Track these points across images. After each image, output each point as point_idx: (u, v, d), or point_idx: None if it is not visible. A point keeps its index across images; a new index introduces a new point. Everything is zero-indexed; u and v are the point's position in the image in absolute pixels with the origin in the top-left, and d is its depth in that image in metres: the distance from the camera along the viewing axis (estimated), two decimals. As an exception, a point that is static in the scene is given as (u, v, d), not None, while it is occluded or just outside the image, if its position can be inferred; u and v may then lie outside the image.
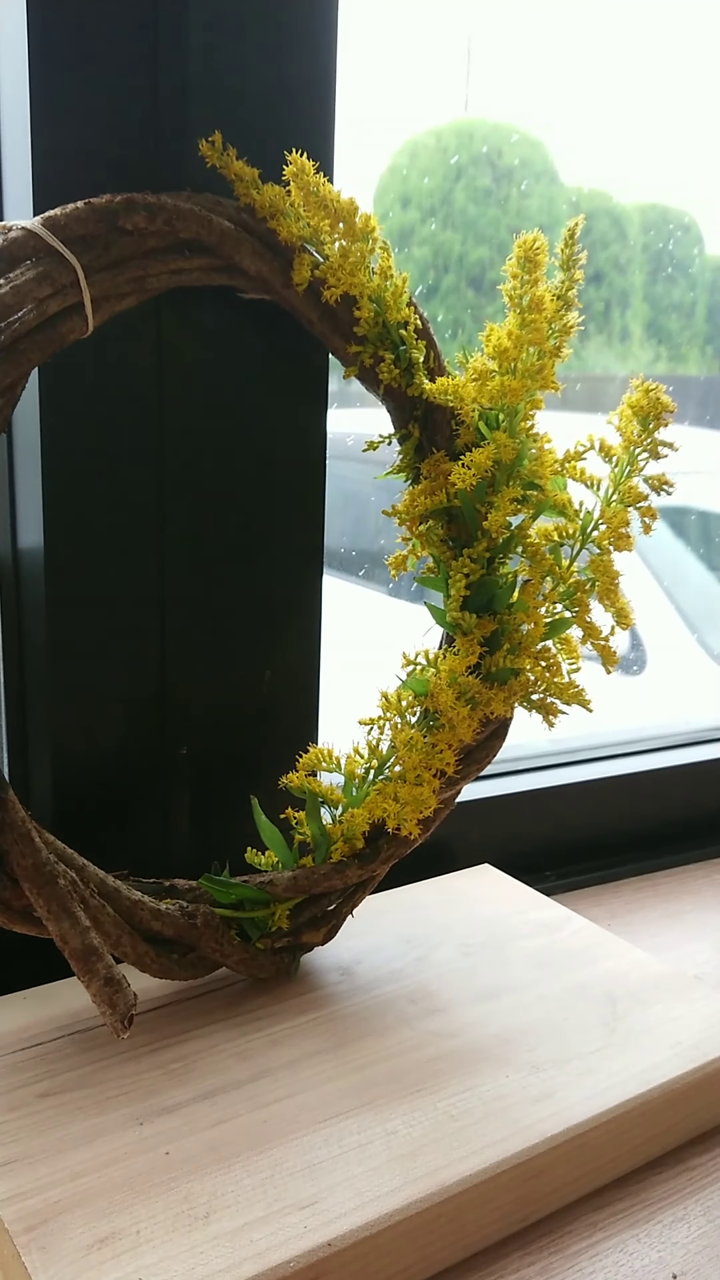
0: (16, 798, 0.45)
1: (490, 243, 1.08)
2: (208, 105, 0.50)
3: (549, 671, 0.54)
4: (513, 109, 1.06)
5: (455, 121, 1.07)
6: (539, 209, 1.12)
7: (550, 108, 1.03)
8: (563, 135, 1.05)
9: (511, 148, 1.10)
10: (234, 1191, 0.39)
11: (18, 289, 0.44)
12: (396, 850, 0.54)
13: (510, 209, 1.11)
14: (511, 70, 1.00)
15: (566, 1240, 0.43)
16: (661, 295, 1.16)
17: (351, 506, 0.93)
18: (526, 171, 1.11)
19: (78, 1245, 0.37)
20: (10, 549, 0.54)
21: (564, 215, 1.14)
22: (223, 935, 0.50)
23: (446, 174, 1.06)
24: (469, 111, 1.08)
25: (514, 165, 1.10)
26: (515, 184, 1.10)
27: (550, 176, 1.13)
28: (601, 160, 1.09)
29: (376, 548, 1.13)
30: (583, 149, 1.07)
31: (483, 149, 1.07)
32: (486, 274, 1.05)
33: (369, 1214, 0.39)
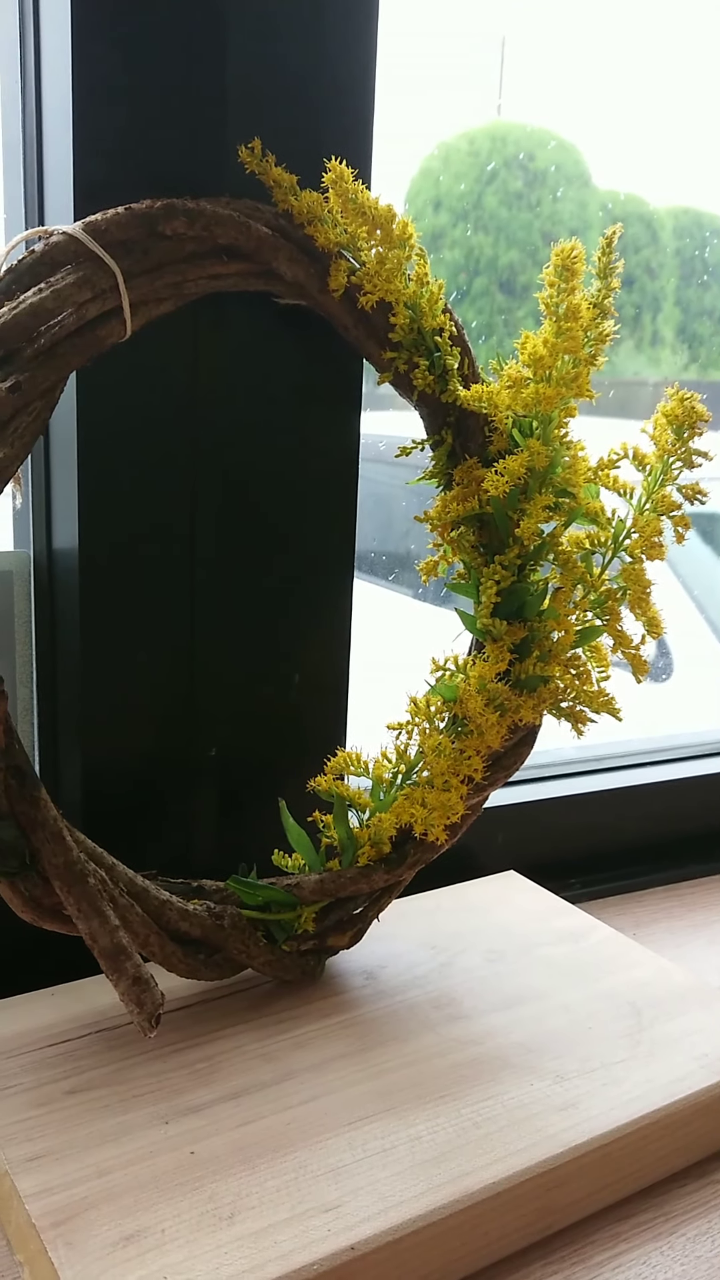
0: (48, 796, 0.45)
1: (522, 246, 1.08)
2: (246, 110, 0.50)
3: (579, 679, 0.54)
4: (545, 112, 1.06)
5: (488, 125, 1.07)
6: (571, 213, 1.12)
7: (583, 111, 1.03)
8: (596, 139, 1.05)
9: (544, 151, 1.09)
10: (258, 1193, 0.40)
11: (58, 293, 0.44)
12: (423, 856, 0.54)
13: (542, 213, 1.11)
14: (544, 74, 1.00)
15: (589, 1250, 0.42)
16: (693, 300, 1.16)
17: (381, 509, 0.94)
18: (559, 175, 1.11)
19: (103, 1242, 0.37)
20: (45, 549, 0.55)
21: (596, 219, 1.14)
22: (249, 937, 0.51)
23: (479, 177, 1.06)
24: (501, 115, 1.08)
25: (546, 169, 1.10)
26: (547, 187, 1.10)
27: (583, 180, 1.13)
28: (634, 164, 1.09)
29: (405, 551, 1.13)
30: (616, 152, 1.07)
31: (515, 152, 1.07)
32: (518, 277, 1.05)
33: (393, 1219, 0.39)
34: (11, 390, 0.43)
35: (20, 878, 0.45)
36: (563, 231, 1.12)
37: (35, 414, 0.44)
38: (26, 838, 0.45)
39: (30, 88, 0.50)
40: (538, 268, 1.16)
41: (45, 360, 0.44)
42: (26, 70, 0.50)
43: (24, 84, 0.50)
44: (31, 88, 0.50)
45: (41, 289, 0.44)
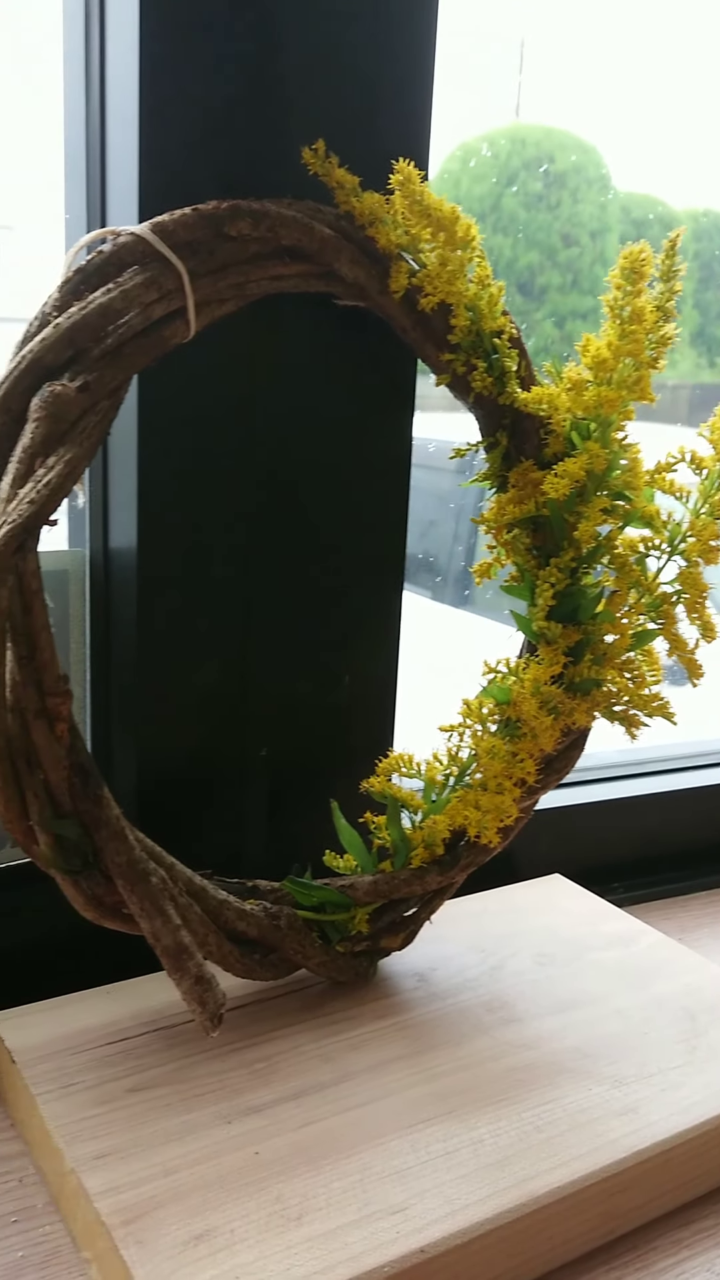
0: (111, 795, 0.45)
1: (540, 248, 1.08)
2: (309, 112, 0.50)
3: (633, 683, 0.54)
4: (565, 115, 1.06)
5: (507, 127, 1.07)
6: (590, 214, 1.12)
7: (602, 113, 1.02)
8: (615, 141, 1.05)
9: (563, 153, 1.09)
10: (325, 1194, 0.40)
11: (126, 293, 0.44)
12: (476, 858, 0.54)
13: (561, 214, 1.10)
14: (563, 76, 1.00)
15: (652, 1256, 0.42)
16: (712, 303, 1.15)
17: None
18: (578, 177, 1.10)
19: (174, 1241, 0.37)
20: (101, 548, 0.55)
21: (616, 221, 1.14)
22: (305, 937, 0.51)
23: (498, 179, 1.06)
24: (520, 117, 1.08)
25: (565, 170, 1.10)
26: (567, 189, 1.10)
27: (602, 182, 1.13)
28: (654, 166, 1.08)
29: (421, 553, 1.13)
30: (635, 155, 1.07)
31: (534, 155, 1.06)
32: (535, 279, 1.05)
33: (460, 1221, 0.39)
34: (81, 390, 0.43)
35: (83, 876, 0.45)
36: (582, 234, 1.11)
37: (102, 414, 0.44)
38: (89, 836, 0.45)
39: (95, 89, 0.50)
40: (556, 269, 1.16)
41: (112, 360, 0.44)
42: (91, 72, 0.50)
43: (88, 85, 0.51)
44: (96, 89, 0.50)
45: (110, 289, 0.44)
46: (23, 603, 0.43)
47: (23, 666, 0.43)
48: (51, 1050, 0.47)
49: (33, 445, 0.42)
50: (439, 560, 1.17)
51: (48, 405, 0.42)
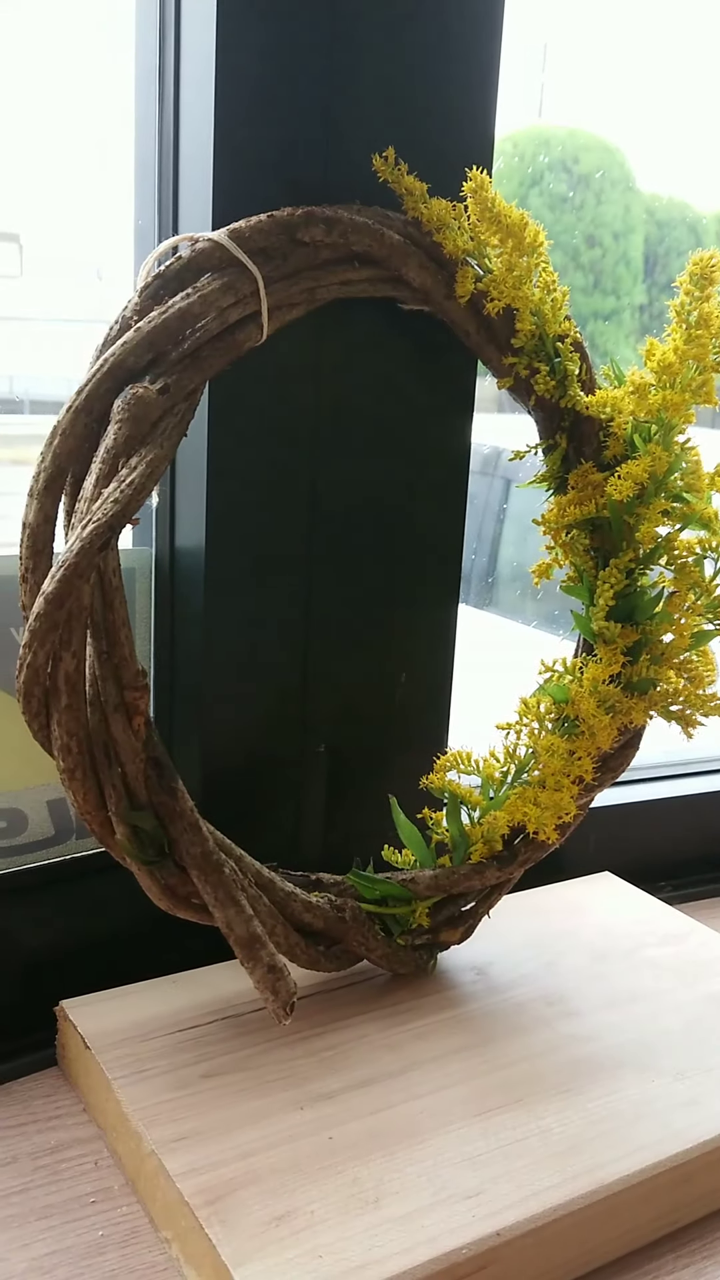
0: (185, 788, 0.46)
1: (565, 249, 1.08)
2: (377, 120, 0.51)
3: (691, 683, 0.55)
4: (589, 117, 1.06)
5: (531, 128, 1.07)
6: (615, 216, 1.12)
7: (627, 116, 1.03)
8: (640, 143, 1.05)
9: (587, 154, 1.10)
10: (399, 1178, 0.41)
11: (205, 298, 0.45)
12: (533, 854, 0.55)
13: (585, 215, 1.11)
14: (588, 77, 1.01)
15: (718, 1245, 0.43)
16: None
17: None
18: (603, 179, 1.11)
19: (257, 1221, 0.38)
20: (168, 548, 0.56)
21: (640, 223, 1.14)
22: (368, 929, 0.52)
23: (523, 180, 1.06)
24: (544, 118, 1.08)
25: (590, 172, 1.10)
26: (591, 191, 1.10)
27: (626, 183, 1.13)
28: (679, 168, 1.09)
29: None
30: (660, 157, 1.07)
31: (559, 156, 1.07)
32: (560, 280, 1.05)
33: (533, 1207, 0.40)
34: (161, 392, 0.44)
35: (158, 866, 0.46)
36: (606, 235, 1.12)
37: (180, 415, 0.46)
38: (164, 828, 0.46)
39: (169, 97, 0.51)
40: (579, 271, 1.16)
41: (191, 363, 0.45)
42: (165, 79, 0.51)
43: (162, 93, 0.52)
44: (170, 97, 0.51)
45: (189, 294, 0.45)
46: (104, 599, 0.44)
47: (102, 661, 0.44)
48: (124, 1036, 0.48)
49: (116, 446, 0.43)
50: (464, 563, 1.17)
51: (130, 407, 0.43)
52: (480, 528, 1.18)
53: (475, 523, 1.17)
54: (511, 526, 1.12)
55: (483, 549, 1.18)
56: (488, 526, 1.17)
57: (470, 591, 1.17)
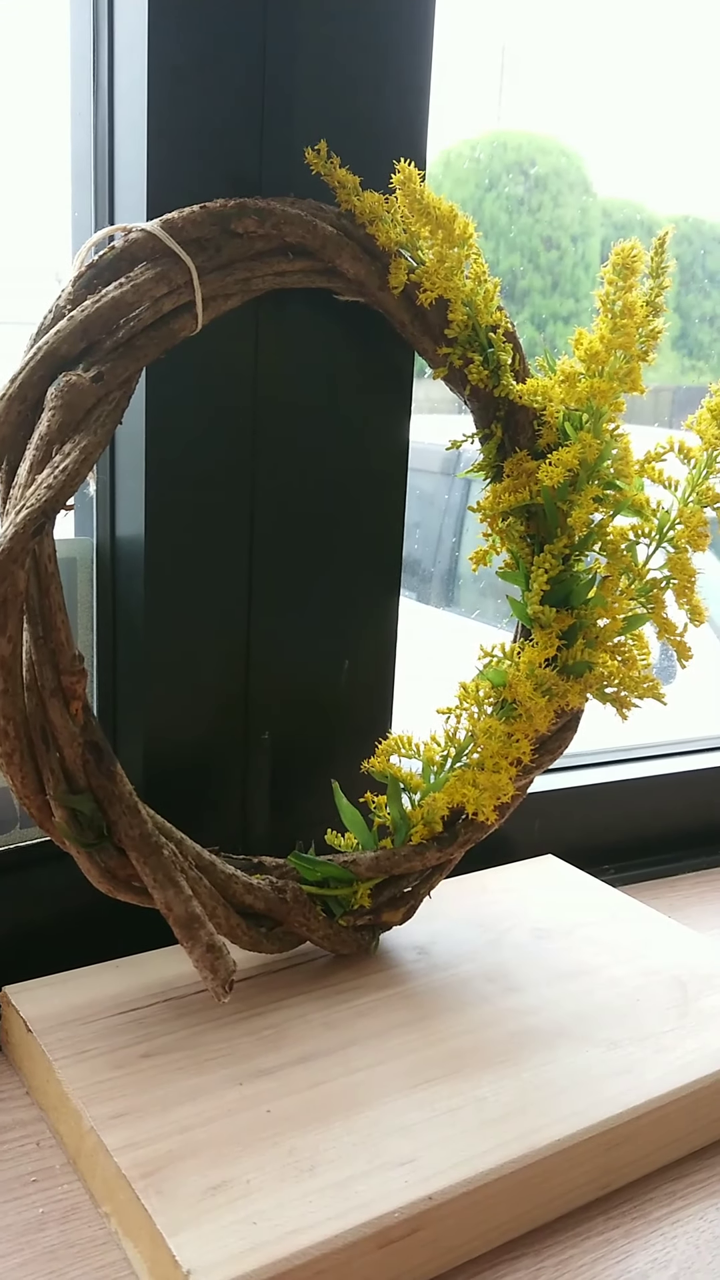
0: (125, 773, 0.47)
1: (522, 251, 1.09)
2: (311, 113, 0.52)
3: (624, 665, 0.56)
4: (546, 120, 1.07)
5: (489, 132, 1.08)
6: (572, 219, 1.14)
7: (584, 119, 1.04)
8: (597, 146, 1.06)
9: (545, 158, 1.11)
10: (336, 1148, 0.41)
11: (138, 287, 0.46)
12: (473, 835, 0.56)
13: (543, 218, 1.12)
14: (545, 81, 1.02)
15: (648, 1207, 0.44)
16: (693, 307, 1.17)
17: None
18: (559, 182, 1.12)
19: (193, 1191, 0.39)
20: (109, 537, 0.56)
21: (597, 226, 1.16)
22: (309, 911, 0.52)
23: (479, 183, 1.07)
24: (502, 122, 1.09)
25: (547, 175, 1.11)
26: (548, 194, 1.11)
27: (583, 187, 1.15)
28: (635, 171, 1.10)
29: (407, 555, 1.14)
30: (617, 160, 1.08)
31: (516, 159, 1.08)
32: (517, 283, 1.07)
33: (465, 1172, 0.40)
34: (95, 380, 0.45)
35: (98, 849, 0.46)
36: (564, 238, 1.14)
37: (115, 403, 0.46)
38: (103, 811, 0.46)
39: (103, 88, 0.52)
40: (538, 273, 1.18)
41: (125, 352, 0.46)
42: (99, 72, 0.52)
43: (96, 85, 0.52)
44: (104, 88, 0.52)
45: (121, 283, 0.46)
46: (39, 584, 0.45)
47: (39, 646, 0.45)
48: (65, 1020, 0.48)
49: (49, 433, 0.44)
50: (424, 562, 1.18)
51: (64, 394, 0.44)
52: (441, 529, 1.19)
53: (436, 523, 1.18)
54: (475, 527, 1.13)
55: (444, 549, 1.19)
56: (449, 527, 1.18)
57: (432, 592, 1.18)
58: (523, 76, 1.02)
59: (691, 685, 1.07)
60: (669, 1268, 0.41)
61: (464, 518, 1.15)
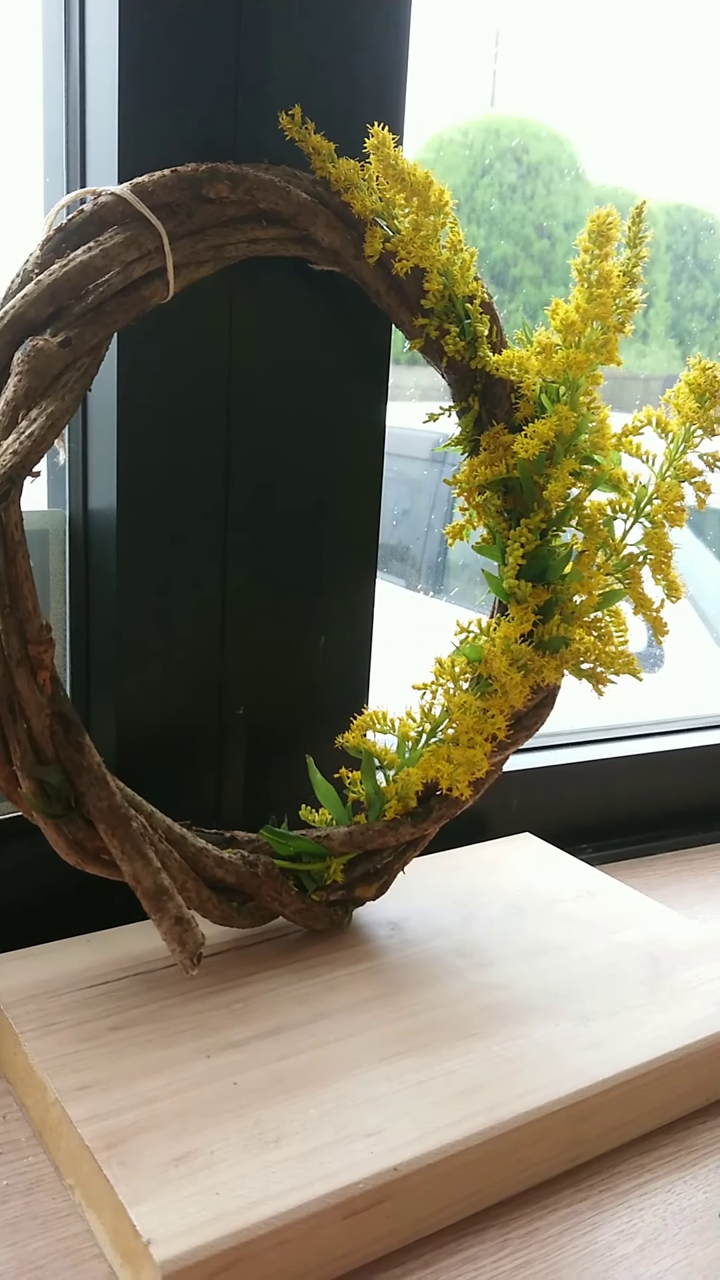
0: (92, 743, 0.47)
1: (514, 238, 1.09)
2: (286, 79, 0.51)
3: (600, 641, 0.56)
4: (539, 106, 1.06)
5: (481, 118, 1.08)
6: (564, 206, 1.13)
7: (577, 106, 1.03)
8: (589, 133, 1.06)
9: (537, 144, 1.10)
10: (301, 1119, 0.41)
11: (106, 252, 0.45)
12: (448, 810, 0.56)
13: (535, 205, 1.11)
14: (538, 67, 1.01)
15: (616, 1180, 0.44)
16: (685, 296, 1.17)
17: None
18: (552, 168, 1.11)
19: (156, 1162, 0.38)
20: (81, 509, 0.56)
21: (589, 213, 1.15)
22: (281, 885, 0.52)
23: (472, 169, 1.06)
24: (495, 108, 1.08)
25: (539, 162, 1.11)
26: (540, 181, 1.11)
27: (576, 174, 1.14)
28: (628, 159, 1.10)
29: (395, 542, 1.14)
30: (609, 147, 1.08)
31: (508, 145, 1.07)
32: (509, 270, 1.06)
33: (431, 1143, 0.40)
34: (63, 345, 0.44)
35: (65, 821, 0.46)
36: (555, 225, 1.13)
37: (83, 370, 0.45)
38: (71, 782, 0.46)
39: (75, 52, 0.51)
40: (530, 260, 1.18)
41: (94, 317, 0.45)
42: (71, 34, 0.51)
43: (68, 48, 0.51)
44: (76, 52, 0.51)
45: (91, 247, 0.45)
46: (5, 552, 0.44)
47: (5, 616, 0.44)
48: (33, 993, 0.48)
49: (15, 398, 0.43)
50: (412, 549, 1.18)
51: (30, 359, 0.43)
52: (430, 515, 1.18)
53: (425, 510, 1.17)
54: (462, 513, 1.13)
55: (433, 536, 1.19)
56: (438, 513, 1.17)
57: (420, 578, 1.17)
58: (516, 62, 1.01)
59: (676, 664, 1.08)
60: (635, 1239, 0.41)
61: (452, 505, 1.14)
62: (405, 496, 1.14)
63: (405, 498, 1.14)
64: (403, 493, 1.11)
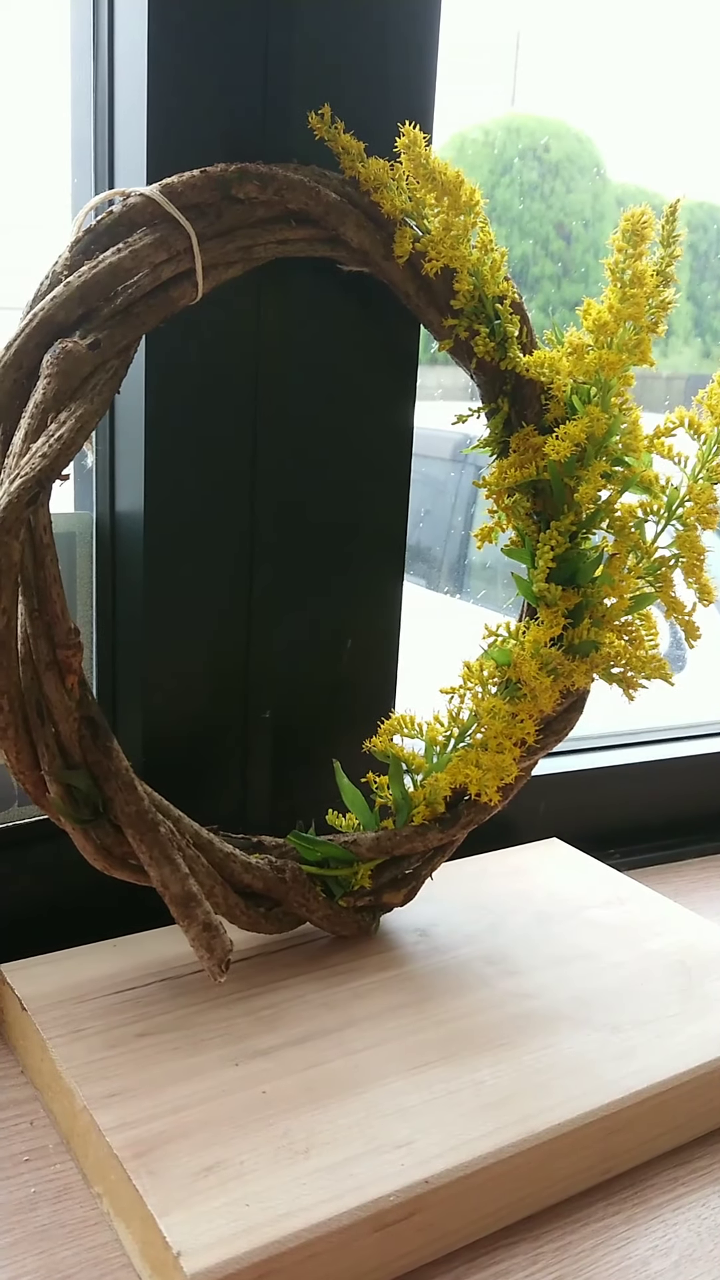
0: (122, 749, 0.46)
1: (535, 237, 1.08)
2: (314, 78, 0.51)
3: (631, 645, 0.55)
4: (560, 105, 1.06)
5: (503, 117, 1.07)
6: (585, 204, 1.12)
7: (598, 104, 1.03)
8: (610, 132, 1.05)
9: (558, 143, 1.09)
10: (330, 1130, 0.41)
11: (136, 253, 0.45)
12: (476, 816, 0.55)
13: (555, 204, 1.11)
14: (560, 66, 1.01)
15: (649, 1193, 0.43)
16: (707, 295, 1.16)
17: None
18: (572, 167, 1.11)
19: (185, 1172, 0.38)
20: (108, 512, 0.55)
21: (610, 211, 1.14)
22: (309, 891, 0.52)
23: (493, 169, 1.06)
24: (516, 107, 1.08)
25: (560, 161, 1.10)
26: (561, 179, 1.10)
27: (597, 172, 1.13)
28: (649, 157, 1.09)
29: (414, 542, 1.13)
30: (630, 146, 1.07)
31: (530, 144, 1.07)
32: (529, 269, 1.05)
33: (463, 1155, 0.40)
34: (92, 347, 0.44)
35: (93, 826, 0.46)
36: (576, 224, 1.12)
37: (112, 372, 0.45)
38: (99, 787, 0.46)
39: (103, 52, 0.51)
40: (550, 259, 1.17)
41: (122, 319, 0.45)
42: (100, 34, 0.51)
43: (96, 48, 0.51)
44: (104, 52, 0.51)
45: (120, 249, 0.45)
46: (34, 556, 0.44)
47: (34, 619, 0.44)
48: (60, 999, 0.48)
49: (44, 401, 0.43)
50: (434, 549, 1.17)
51: (59, 361, 0.43)
52: (451, 516, 1.18)
53: (447, 511, 1.17)
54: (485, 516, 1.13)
55: (454, 537, 1.18)
56: (460, 514, 1.17)
57: (443, 579, 1.17)
58: (537, 61, 1.01)
59: (703, 668, 1.06)
60: (670, 1255, 0.40)
61: (474, 505, 1.14)
62: (428, 497, 1.13)
63: (428, 498, 1.14)
64: (425, 493, 1.11)
